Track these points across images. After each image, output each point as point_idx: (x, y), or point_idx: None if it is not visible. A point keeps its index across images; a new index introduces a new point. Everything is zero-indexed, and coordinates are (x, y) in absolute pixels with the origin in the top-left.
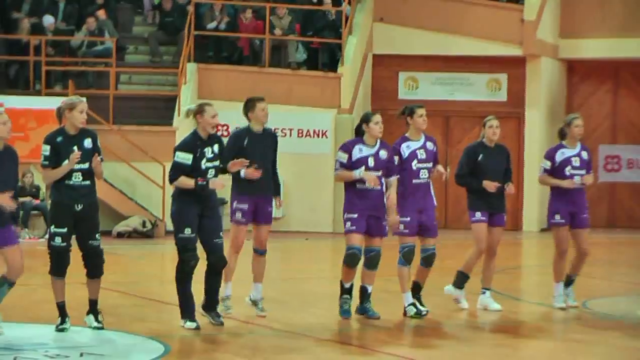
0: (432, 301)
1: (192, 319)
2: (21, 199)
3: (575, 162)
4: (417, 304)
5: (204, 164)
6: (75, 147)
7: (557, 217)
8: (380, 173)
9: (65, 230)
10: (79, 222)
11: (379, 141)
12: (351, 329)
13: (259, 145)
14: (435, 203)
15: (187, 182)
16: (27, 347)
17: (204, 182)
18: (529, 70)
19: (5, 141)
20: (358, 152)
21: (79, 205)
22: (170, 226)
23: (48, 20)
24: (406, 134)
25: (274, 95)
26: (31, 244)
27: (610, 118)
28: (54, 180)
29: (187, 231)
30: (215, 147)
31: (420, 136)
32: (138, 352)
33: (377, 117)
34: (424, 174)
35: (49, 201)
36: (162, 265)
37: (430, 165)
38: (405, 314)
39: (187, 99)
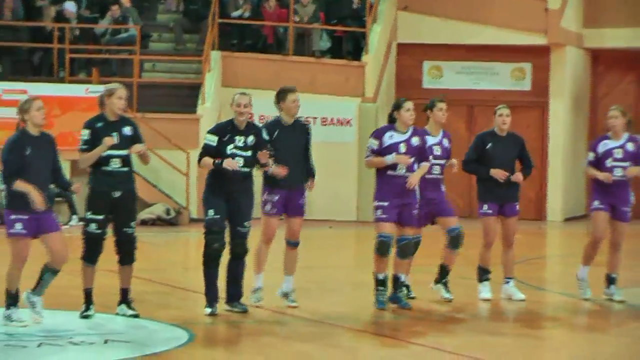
0: (456, 291)
1: (210, 305)
2: None
3: (617, 153)
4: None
5: (229, 149)
6: (114, 133)
7: (596, 203)
8: (412, 160)
9: (101, 217)
10: (116, 209)
11: (411, 128)
12: (374, 317)
13: (289, 137)
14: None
15: (207, 161)
16: (52, 334)
17: (220, 162)
18: (553, 60)
19: (41, 127)
20: (389, 138)
21: (117, 192)
22: (194, 214)
23: (71, 7)
24: (426, 127)
25: (298, 83)
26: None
27: (635, 108)
28: (92, 166)
29: (211, 213)
30: (250, 138)
31: (439, 132)
32: (162, 339)
33: (409, 104)
34: (436, 170)
35: (74, 186)
36: (186, 252)
37: (443, 162)
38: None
39: (210, 87)
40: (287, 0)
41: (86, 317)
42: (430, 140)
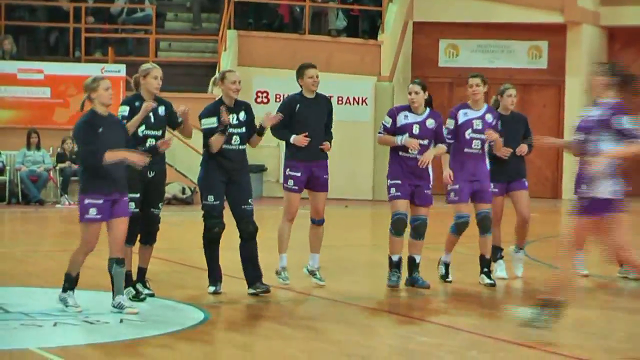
0: (472, 270)
1: (213, 284)
2: (61, 165)
3: None
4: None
5: (218, 125)
6: (151, 114)
7: None
8: (426, 142)
9: (138, 195)
10: (148, 188)
11: (427, 110)
12: (392, 297)
13: (310, 110)
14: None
15: (216, 139)
16: (67, 313)
17: (223, 126)
18: (569, 38)
19: (108, 108)
20: (403, 118)
21: (152, 172)
22: None
23: None
24: (468, 102)
25: (314, 62)
26: (71, 210)
27: None
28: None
29: (210, 198)
30: (242, 115)
31: (481, 106)
32: (178, 318)
33: (411, 87)
34: (477, 145)
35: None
36: (201, 231)
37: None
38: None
39: (227, 66)
40: None
41: (142, 300)
42: (472, 115)
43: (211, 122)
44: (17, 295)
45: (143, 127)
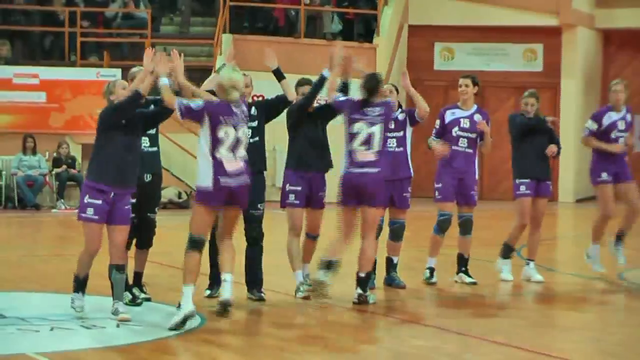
0: (473, 273)
1: (210, 287)
2: (57, 170)
3: (621, 125)
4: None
5: None
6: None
7: (604, 175)
8: (401, 133)
9: (135, 200)
10: (144, 192)
11: (401, 107)
12: (382, 299)
13: (310, 123)
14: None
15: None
16: (64, 318)
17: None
18: (564, 40)
19: None
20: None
21: (148, 176)
22: None
23: None
24: (458, 102)
25: (309, 65)
26: (67, 215)
27: None
28: None
29: None
30: (252, 110)
31: (470, 106)
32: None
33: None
34: (463, 142)
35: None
36: None
37: (473, 135)
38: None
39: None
40: None
41: (138, 304)
42: (460, 114)
43: None
44: (13, 300)
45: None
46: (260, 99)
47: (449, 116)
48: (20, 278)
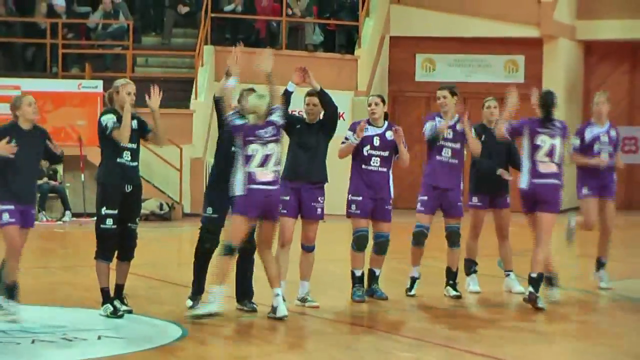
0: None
1: (193, 297)
2: (38, 182)
3: (604, 138)
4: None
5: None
6: None
7: (585, 190)
8: (387, 153)
9: (116, 212)
10: (125, 203)
11: (386, 123)
12: (367, 312)
13: (306, 135)
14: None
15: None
16: (45, 330)
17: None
18: (546, 52)
19: (33, 122)
20: (365, 132)
21: (129, 187)
22: (187, 209)
23: (61, 2)
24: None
25: (291, 77)
26: (48, 227)
27: (627, 99)
28: (103, 158)
29: (209, 210)
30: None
31: (451, 117)
32: (156, 335)
33: (369, 99)
34: (446, 152)
35: (68, 185)
36: (179, 247)
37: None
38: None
39: (204, 82)
40: None
41: (119, 316)
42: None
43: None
44: None
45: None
46: None
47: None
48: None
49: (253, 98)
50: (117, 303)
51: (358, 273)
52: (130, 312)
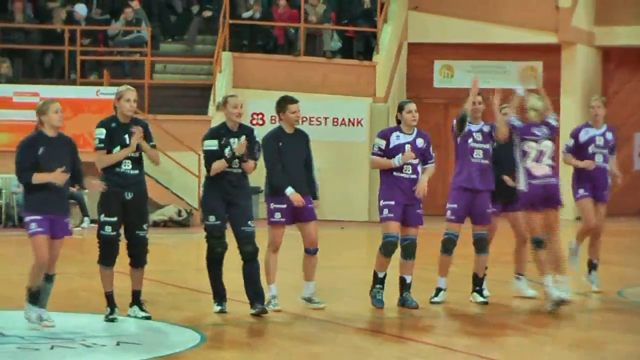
0: (466, 289)
1: (219, 303)
2: None
3: (599, 141)
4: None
5: (227, 153)
6: (126, 136)
7: (581, 191)
8: (417, 160)
9: (115, 219)
10: (128, 211)
11: (415, 129)
12: (387, 318)
13: (292, 147)
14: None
15: (218, 164)
16: (64, 336)
17: (231, 152)
18: (564, 58)
19: (58, 129)
20: (395, 139)
21: (129, 194)
22: None
23: (81, 10)
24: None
25: (309, 84)
26: None
27: None
28: (103, 168)
29: (212, 218)
30: (242, 139)
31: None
32: (174, 341)
33: (410, 106)
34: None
35: (86, 191)
36: (197, 253)
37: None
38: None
39: (222, 88)
40: (298, 1)
41: (112, 320)
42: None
43: (212, 144)
44: (13, 319)
45: (118, 148)
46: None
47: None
48: (20, 297)
49: (533, 98)
50: (136, 309)
51: (380, 275)
52: (148, 318)
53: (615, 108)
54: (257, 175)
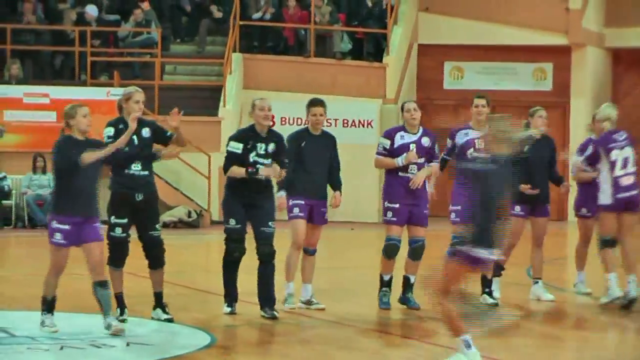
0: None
1: (229, 304)
2: None
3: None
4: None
5: (252, 157)
6: (134, 137)
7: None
8: (422, 160)
9: (125, 220)
10: (139, 212)
11: (421, 129)
12: (394, 319)
13: (315, 148)
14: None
15: (238, 171)
16: (74, 337)
17: (254, 170)
18: (574, 60)
19: (86, 134)
20: (400, 139)
21: (140, 195)
22: (215, 216)
23: (92, 11)
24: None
25: (319, 85)
26: None
27: None
28: (112, 169)
29: (232, 222)
30: (271, 146)
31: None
32: (184, 342)
33: (408, 105)
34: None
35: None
36: (207, 255)
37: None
38: None
39: (232, 89)
40: (308, 2)
41: (122, 321)
42: (474, 135)
43: (237, 147)
44: (23, 319)
45: (126, 150)
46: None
47: (461, 137)
48: (30, 297)
49: (606, 106)
50: (159, 311)
51: (386, 277)
52: (171, 320)
53: (625, 110)
54: None
